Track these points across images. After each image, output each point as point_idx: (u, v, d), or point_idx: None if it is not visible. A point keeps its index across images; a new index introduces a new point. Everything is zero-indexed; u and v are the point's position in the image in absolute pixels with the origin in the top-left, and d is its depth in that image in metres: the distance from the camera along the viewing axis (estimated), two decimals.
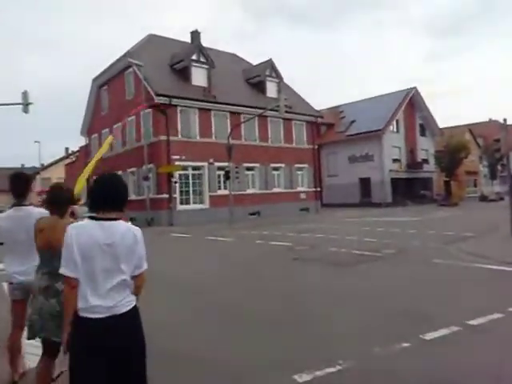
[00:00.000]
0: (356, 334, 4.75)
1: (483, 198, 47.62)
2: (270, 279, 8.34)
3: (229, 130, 26.05)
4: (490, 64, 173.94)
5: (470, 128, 53.15)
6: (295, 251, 12.23)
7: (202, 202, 26.38)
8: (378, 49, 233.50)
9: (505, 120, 13.34)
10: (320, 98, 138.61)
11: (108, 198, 2.44)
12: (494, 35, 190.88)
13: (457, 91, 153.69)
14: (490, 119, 63.16)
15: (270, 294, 6.95)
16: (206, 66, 27.95)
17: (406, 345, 4.28)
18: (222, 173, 25.89)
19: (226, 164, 24.03)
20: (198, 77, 27.39)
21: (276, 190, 30.49)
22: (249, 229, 20.56)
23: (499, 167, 49.19)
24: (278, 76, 32.30)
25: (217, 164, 26.52)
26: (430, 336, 4.51)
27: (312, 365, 3.81)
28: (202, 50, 28.19)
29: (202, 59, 27.87)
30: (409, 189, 41.47)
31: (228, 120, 27.75)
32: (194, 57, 27.56)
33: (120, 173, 25.28)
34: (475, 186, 54.50)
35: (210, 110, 26.93)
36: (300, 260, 10.45)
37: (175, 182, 24.71)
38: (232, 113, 27.90)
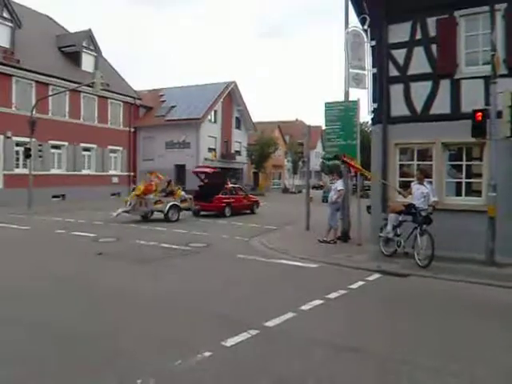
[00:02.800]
0: (158, 344, 4.56)
1: (285, 190, 53.03)
2: (66, 281, 7.38)
3: (33, 102, 23.13)
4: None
5: (279, 125, 58.07)
6: (99, 244, 11.50)
7: None
8: (202, 40, 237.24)
9: (309, 127, 14.95)
10: (140, 79, 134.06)
11: None
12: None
13: (268, 90, 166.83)
14: (297, 119, 70.34)
15: (63, 302, 6.22)
16: (11, 24, 24.21)
17: (207, 354, 4.28)
18: (21, 149, 22.91)
19: (27, 139, 21.31)
20: (0, 35, 23.56)
21: (85, 171, 28.44)
22: (51, 214, 18.67)
23: (300, 163, 55.36)
24: (97, 49, 29.98)
25: (15, 139, 23.35)
26: (231, 342, 4.60)
27: None
28: (6, 4, 24.19)
29: (5, 15, 23.99)
30: None
31: (33, 90, 24.65)
32: None
33: None
34: (280, 178, 60.04)
35: (11, 75, 23.47)
36: (104, 256, 9.79)
37: None
38: (39, 82, 24.87)
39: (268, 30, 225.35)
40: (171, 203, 17.48)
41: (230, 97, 44.35)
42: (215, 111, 42.47)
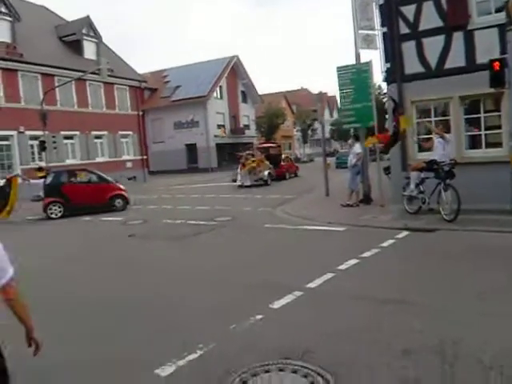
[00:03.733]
0: (210, 313, 4.80)
1: (297, 160, 52.91)
2: (109, 262, 7.83)
3: (41, 94, 23.23)
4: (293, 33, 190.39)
5: (286, 95, 57.57)
6: (129, 226, 11.81)
7: None
8: (197, 15, 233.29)
9: (320, 92, 14.92)
10: (140, 62, 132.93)
11: None
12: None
13: (270, 60, 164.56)
14: (302, 87, 69.58)
15: (112, 280, 6.56)
16: (10, 18, 24.13)
17: (259, 317, 4.51)
18: (35, 143, 23.17)
19: (40, 133, 21.52)
20: (0, 31, 23.50)
21: (100, 159, 28.63)
22: None
23: (310, 132, 55.24)
24: (97, 35, 29.75)
25: (28, 133, 23.57)
26: (278, 304, 4.83)
27: (172, 354, 3.73)
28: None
29: (3, 9, 23.88)
30: (233, 153, 43.39)
31: (40, 82, 24.69)
32: None
33: None
34: (290, 148, 59.89)
35: (16, 70, 23.52)
36: (137, 237, 10.10)
37: None
38: (44, 74, 24.87)
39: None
40: (267, 171, 22.90)
41: (234, 71, 44.02)
42: (220, 87, 42.28)
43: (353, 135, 13.30)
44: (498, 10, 9.91)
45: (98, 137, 28.67)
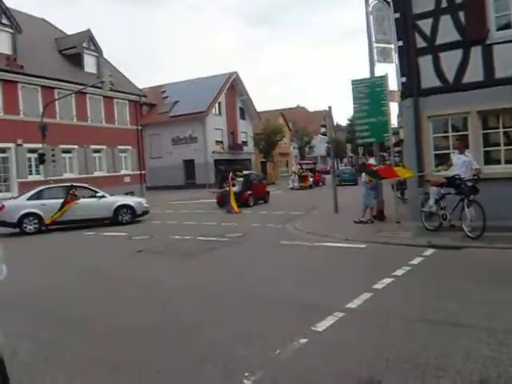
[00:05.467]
0: (247, 336, 4.38)
1: None
2: (121, 282, 7.23)
3: (40, 107, 22.90)
4: (291, 55, 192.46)
5: (283, 113, 57.65)
6: (135, 242, 11.37)
7: (8, 190, 22.69)
8: (197, 32, 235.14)
9: (330, 107, 14.68)
10: (138, 77, 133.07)
11: None
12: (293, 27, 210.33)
13: (267, 79, 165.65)
14: (298, 105, 69.93)
15: (130, 303, 6.04)
16: (11, 30, 23.89)
17: (304, 341, 4.10)
18: (33, 156, 22.72)
19: (38, 146, 21.07)
20: (1, 42, 23.25)
21: (98, 173, 28.20)
22: None
23: (307, 149, 55.14)
24: (98, 49, 29.57)
25: (27, 146, 23.14)
26: (321, 326, 4.43)
27: None
28: (5, 11, 23.84)
29: (4, 21, 23.66)
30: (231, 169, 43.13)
31: (39, 95, 24.37)
32: None
33: None
34: (287, 166, 59.75)
35: (16, 82, 23.20)
36: (145, 252, 9.65)
37: None
38: (44, 87, 24.57)
39: (257, 18, 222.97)
40: (311, 179, 34.55)
41: (233, 88, 44.03)
42: (219, 103, 42.19)
43: (369, 150, 13.00)
44: None
45: (96, 151, 28.26)
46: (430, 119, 11.14)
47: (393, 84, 11.57)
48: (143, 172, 32.57)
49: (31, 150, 22.99)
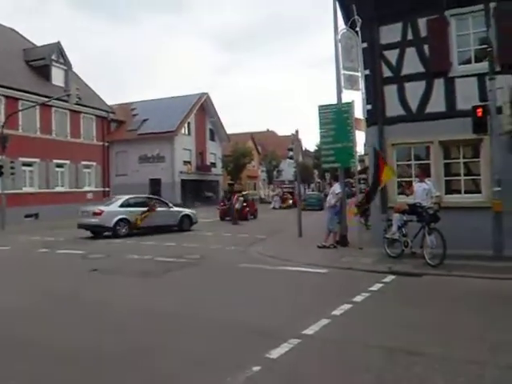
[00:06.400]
0: (197, 364, 4.10)
1: (262, 201, 52.72)
2: (72, 302, 6.77)
3: (2, 117, 22.13)
4: (262, 79, 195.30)
5: (252, 136, 57.99)
6: (91, 260, 10.90)
7: None
8: (170, 52, 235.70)
9: (297, 131, 14.80)
10: (109, 93, 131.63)
11: None
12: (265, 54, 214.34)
13: (237, 101, 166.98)
14: (268, 129, 70.64)
15: (77, 325, 5.66)
16: None
17: (256, 368, 3.88)
18: None
19: None
20: None
21: (59, 189, 27.32)
22: (27, 234, 17.71)
23: (275, 173, 55.45)
24: (67, 62, 28.98)
25: None
26: (275, 354, 4.23)
27: None
28: None
29: None
30: (198, 190, 42.75)
31: (2, 105, 23.57)
32: None
33: None
34: (255, 188, 59.81)
35: None
36: (100, 272, 9.22)
37: None
38: (8, 97, 23.79)
39: (231, 42, 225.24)
40: (291, 201, 37.48)
41: (203, 108, 44.06)
42: (189, 123, 42.06)
43: (334, 176, 13.08)
44: (477, 60, 10.15)
45: (59, 165, 27.41)
46: (394, 147, 11.32)
47: (359, 111, 11.74)
48: (107, 189, 31.78)
49: None
